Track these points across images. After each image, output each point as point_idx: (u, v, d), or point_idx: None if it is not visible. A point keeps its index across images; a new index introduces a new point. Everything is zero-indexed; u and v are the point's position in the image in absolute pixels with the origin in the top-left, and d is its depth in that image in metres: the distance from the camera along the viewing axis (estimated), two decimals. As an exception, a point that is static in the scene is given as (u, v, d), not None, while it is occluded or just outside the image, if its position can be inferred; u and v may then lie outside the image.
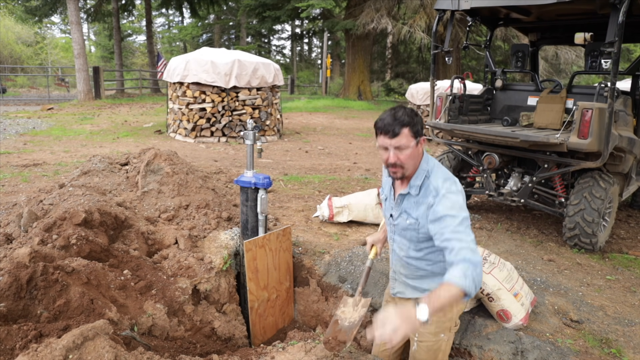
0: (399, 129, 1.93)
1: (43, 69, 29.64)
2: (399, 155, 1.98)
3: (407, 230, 2.16)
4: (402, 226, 2.18)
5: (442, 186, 2.01)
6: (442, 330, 2.25)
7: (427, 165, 2.10)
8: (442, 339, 2.27)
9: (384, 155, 2.03)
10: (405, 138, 1.95)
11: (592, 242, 4.04)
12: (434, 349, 2.29)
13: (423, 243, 2.15)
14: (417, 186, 2.07)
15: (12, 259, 2.36)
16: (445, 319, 2.24)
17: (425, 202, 2.04)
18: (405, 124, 1.94)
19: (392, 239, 2.30)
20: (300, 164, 7.72)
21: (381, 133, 1.98)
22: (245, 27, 32.73)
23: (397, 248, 2.27)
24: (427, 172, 2.07)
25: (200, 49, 10.63)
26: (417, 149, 2.01)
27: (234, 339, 3.05)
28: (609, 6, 3.57)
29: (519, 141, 4.02)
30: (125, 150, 7.70)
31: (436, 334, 2.26)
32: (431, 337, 2.26)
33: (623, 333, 2.80)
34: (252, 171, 3.27)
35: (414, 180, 2.09)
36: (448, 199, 1.97)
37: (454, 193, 1.99)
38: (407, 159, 2.00)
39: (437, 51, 4.77)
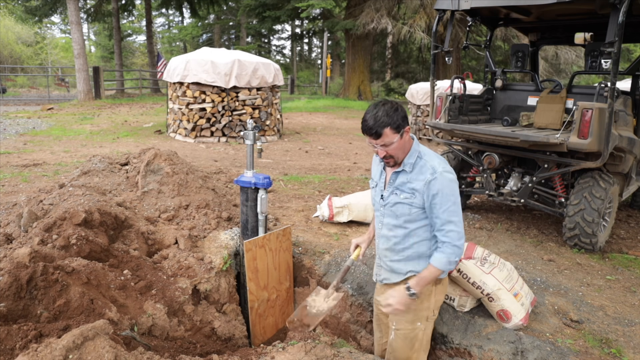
0: (381, 130, 2.11)
1: (43, 69, 29.64)
2: (387, 150, 2.17)
3: (399, 205, 2.28)
4: (393, 203, 2.30)
5: (439, 165, 2.19)
6: (419, 319, 2.36)
7: (418, 147, 2.28)
8: (419, 327, 2.37)
9: (374, 150, 2.24)
10: (388, 137, 2.13)
11: (592, 242, 4.04)
12: (410, 337, 2.38)
13: (413, 222, 2.28)
14: (410, 164, 2.23)
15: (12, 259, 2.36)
16: (422, 307, 2.34)
17: (422, 179, 2.20)
18: (386, 125, 2.11)
19: (381, 222, 2.41)
20: (300, 164, 7.72)
21: (366, 134, 2.17)
22: (245, 27, 32.72)
23: (386, 230, 2.38)
24: (419, 152, 2.25)
25: (200, 49, 10.63)
26: (403, 139, 2.18)
27: (234, 339, 3.05)
28: (609, 6, 3.57)
29: (519, 141, 4.02)
30: (125, 150, 7.70)
31: (413, 322, 2.35)
32: (408, 325, 2.36)
33: (623, 333, 2.80)
34: (252, 171, 3.27)
35: (407, 159, 2.24)
36: (445, 178, 2.16)
37: (449, 172, 2.19)
38: (395, 151, 2.19)
39: (437, 51, 4.77)
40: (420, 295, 2.26)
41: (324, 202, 4.58)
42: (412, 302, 2.23)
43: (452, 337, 2.81)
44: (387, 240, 2.38)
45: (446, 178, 2.17)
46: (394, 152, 2.19)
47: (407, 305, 2.22)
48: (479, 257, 2.84)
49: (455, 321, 2.87)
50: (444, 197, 2.16)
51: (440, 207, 2.17)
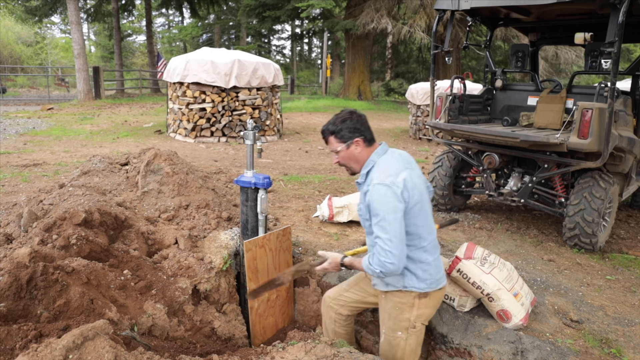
0: (327, 137, 2.29)
1: (43, 69, 29.63)
2: (338, 157, 2.31)
3: (362, 219, 2.34)
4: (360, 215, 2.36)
5: (377, 177, 2.17)
6: (399, 329, 2.37)
7: (377, 157, 2.28)
8: (400, 336, 2.37)
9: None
10: (333, 144, 2.28)
11: (592, 242, 4.04)
12: (392, 344, 2.41)
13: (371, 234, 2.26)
14: (364, 174, 2.29)
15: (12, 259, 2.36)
16: (402, 318, 2.35)
17: (363, 190, 2.27)
18: (330, 133, 2.27)
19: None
20: (300, 164, 7.72)
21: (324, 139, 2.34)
22: (245, 27, 32.71)
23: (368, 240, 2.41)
24: (374, 162, 2.26)
25: (200, 49, 10.63)
26: (350, 150, 2.26)
27: (234, 339, 3.05)
28: (609, 6, 3.57)
29: (519, 141, 4.02)
30: (125, 150, 7.70)
31: (394, 330, 2.39)
32: (390, 332, 2.41)
33: (623, 333, 2.80)
34: (252, 171, 3.27)
35: (363, 169, 2.30)
36: (375, 190, 2.13)
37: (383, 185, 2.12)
38: (343, 160, 2.30)
39: (437, 51, 4.77)
40: (400, 305, 2.32)
41: (324, 202, 4.58)
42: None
43: (452, 337, 2.81)
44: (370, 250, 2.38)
45: (376, 190, 2.11)
46: (343, 160, 2.30)
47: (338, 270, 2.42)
48: (479, 257, 2.84)
49: (455, 321, 2.87)
50: (373, 210, 2.13)
51: (374, 219, 2.14)
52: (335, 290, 2.78)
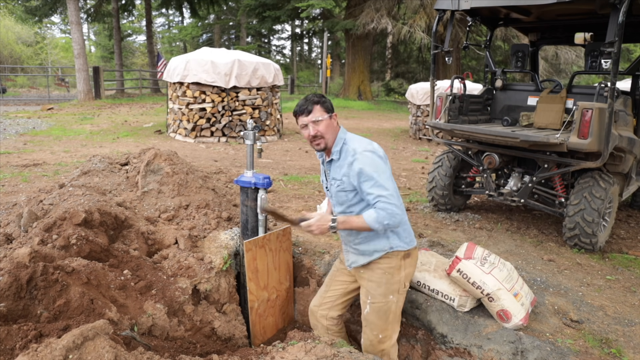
0: (312, 106, 2.36)
1: (43, 69, 29.63)
2: (317, 128, 2.36)
3: (339, 194, 2.45)
4: (334, 192, 2.48)
5: (359, 146, 2.36)
6: (391, 292, 2.52)
7: (344, 135, 2.45)
8: (392, 300, 2.53)
9: (305, 133, 2.42)
10: (318, 112, 2.36)
11: (592, 242, 4.04)
12: (384, 310, 2.54)
13: (355, 205, 2.43)
14: (337, 151, 2.42)
15: (12, 259, 2.36)
16: (393, 281, 2.51)
17: (346, 163, 2.37)
18: (316, 102, 2.37)
19: (335, 211, 2.59)
20: (300, 164, 7.72)
21: (299, 115, 2.40)
22: (245, 27, 32.71)
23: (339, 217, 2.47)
24: (344, 139, 2.43)
25: (200, 49, 10.63)
26: (331, 121, 2.40)
27: (234, 339, 3.05)
28: (609, 6, 3.57)
29: (519, 141, 4.02)
30: (125, 150, 7.70)
31: (386, 296, 2.52)
32: (382, 299, 2.52)
33: (623, 333, 2.80)
34: (252, 171, 3.27)
35: (334, 147, 2.43)
36: (364, 156, 2.31)
37: (369, 150, 2.33)
38: (324, 129, 2.37)
39: (437, 51, 4.77)
40: (390, 270, 2.49)
41: (324, 202, 4.57)
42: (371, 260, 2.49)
43: (452, 337, 2.81)
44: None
45: (365, 156, 2.30)
46: (323, 129, 2.37)
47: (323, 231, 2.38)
48: (479, 257, 2.84)
49: (455, 321, 2.87)
50: (367, 174, 2.28)
51: (367, 184, 2.29)
52: (317, 298, 2.85)
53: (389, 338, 2.61)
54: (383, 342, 2.60)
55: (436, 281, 3.00)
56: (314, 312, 2.83)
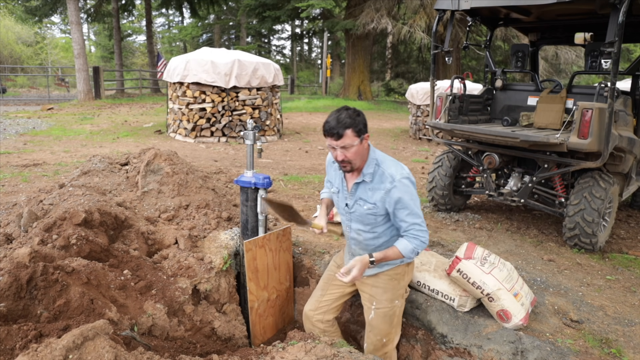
0: (342, 131, 2.19)
1: (43, 69, 29.63)
2: (346, 154, 2.24)
3: (366, 216, 2.41)
4: (360, 212, 2.43)
5: (397, 172, 2.31)
6: (396, 297, 2.59)
7: (375, 154, 2.37)
8: (397, 305, 2.61)
9: (333, 154, 2.30)
10: (349, 138, 2.20)
11: (592, 242, 4.04)
12: (389, 315, 2.59)
13: (380, 226, 2.43)
14: (370, 174, 2.34)
15: (12, 259, 2.36)
16: (399, 287, 2.59)
17: (382, 188, 2.32)
18: (348, 126, 2.19)
19: (349, 227, 2.55)
20: (300, 164, 7.72)
21: (327, 135, 2.24)
22: (245, 27, 32.71)
23: (355, 234, 2.53)
24: (377, 160, 2.36)
25: (200, 49, 10.63)
26: (362, 145, 2.26)
27: (234, 339, 3.05)
28: (609, 6, 3.57)
29: (519, 141, 4.02)
30: (125, 150, 7.70)
31: (392, 301, 2.58)
32: (388, 304, 2.57)
33: (623, 333, 2.80)
34: (252, 171, 3.27)
35: (366, 169, 2.35)
36: (403, 185, 2.29)
37: (406, 178, 2.31)
38: (353, 156, 2.25)
39: (437, 51, 4.77)
40: (396, 277, 2.55)
41: (324, 202, 4.58)
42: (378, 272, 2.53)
43: (452, 337, 2.81)
44: (358, 242, 2.55)
45: (403, 184, 2.29)
46: (352, 156, 2.25)
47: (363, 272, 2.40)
48: (479, 257, 2.84)
49: (455, 321, 2.87)
50: (405, 203, 2.30)
51: (403, 212, 2.31)
52: (313, 302, 2.84)
53: (392, 341, 2.67)
54: (386, 345, 2.65)
55: (436, 281, 3.00)
56: (310, 317, 2.82)
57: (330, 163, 2.60)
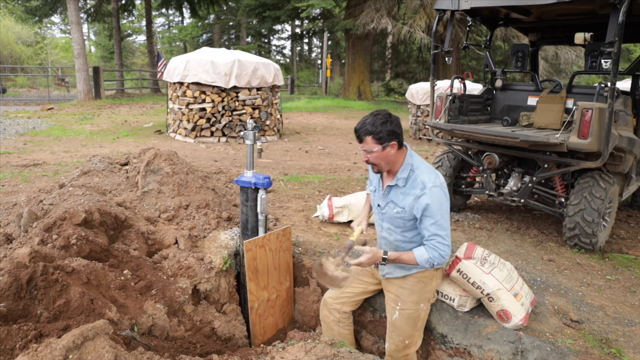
0: (363, 137, 2.30)
1: (43, 69, 29.63)
2: (368, 156, 2.35)
3: (395, 219, 2.47)
4: (390, 214, 2.49)
5: (429, 180, 2.34)
6: (422, 300, 2.61)
7: (412, 159, 2.42)
8: (422, 308, 2.62)
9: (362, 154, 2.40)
10: (369, 144, 2.30)
11: (592, 242, 4.04)
12: (414, 317, 2.60)
13: (410, 231, 2.48)
14: (403, 178, 2.40)
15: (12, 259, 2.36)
16: (426, 290, 2.60)
17: (412, 194, 2.36)
18: (368, 133, 2.28)
19: (381, 225, 2.61)
20: (300, 164, 7.72)
21: (356, 137, 2.37)
22: (245, 27, 32.71)
23: (386, 233, 2.58)
24: (412, 165, 2.40)
25: (200, 49, 10.63)
26: (385, 152, 2.32)
27: (234, 339, 3.05)
28: (609, 6, 3.57)
29: (519, 141, 4.02)
30: (125, 150, 7.71)
31: (417, 303, 2.59)
32: (413, 306, 2.59)
33: (623, 333, 2.80)
34: (252, 171, 3.27)
35: (400, 173, 2.40)
36: (433, 193, 2.31)
37: (438, 186, 2.33)
38: (376, 160, 2.35)
39: (437, 51, 4.76)
40: (424, 279, 2.57)
41: (324, 202, 4.58)
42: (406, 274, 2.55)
43: (452, 337, 2.81)
44: (389, 242, 2.59)
45: (434, 193, 2.31)
46: (375, 160, 2.35)
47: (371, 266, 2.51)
48: (478, 257, 2.84)
49: (455, 321, 2.87)
50: (432, 211, 2.32)
51: (428, 220, 2.33)
52: (335, 291, 2.86)
53: (414, 344, 2.67)
54: (409, 347, 2.66)
55: (436, 281, 3.00)
56: (328, 304, 2.86)
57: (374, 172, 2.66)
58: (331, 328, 2.86)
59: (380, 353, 3.11)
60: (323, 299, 2.92)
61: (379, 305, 3.17)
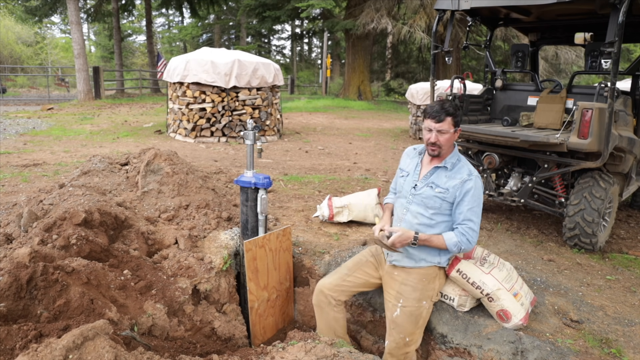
0: (444, 117, 2.47)
1: (43, 69, 29.63)
2: (439, 137, 2.51)
3: (431, 199, 2.58)
4: (427, 195, 2.60)
5: (474, 170, 2.58)
6: (424, 298, 2.65)
7: (457, 151, 2.67)
8: (424, 306, 2.65)
9: (426, 135, 2.55)
10: (447, 124, 2.49)
11: (592, 242, 4.04)
12: (415, 315, 2.63)
13: (440, 214, 2.59)
14: (452, 163, 2.60)
15: (12, 259, 2.36)
16: (428, 288, 2.66)
17: (459, 178, 2.54)
18: (450, 114, 2.48)
19: (407, 208, 2.68)
20: (300, 164, 7.72)
21: (429, 117, 2.51)
22: (245, 27, 32.71)
23: (411, 217, 2.65)
24: (459, 156, 2.65)
25: (200, 49, 10.63)
26: (454, 135, 2.54)
27: (234, 339, 3.05)
28: (609, 6, 3.57)
29: (519, 141, 4.02)
30: (125, 150, 7.71)
31: (419, 300, 2.63)
32: (415, 303, 2.63)
33: (623, 333, 2.80)
34: (252, 171, 3.27)
35: (450, 158, 2.61)
36: (478, 181, 2.54)
37: (480, 179, 2.57)
38: (446, 141, 2.52)
39: (437, 51, 4.76)
40: (427, 277, 2.65)
41: (324, 202, 4.58)
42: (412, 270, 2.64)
43: (452, 337, 2.81)
44: (411, 226, 2.64)
45: (478, 182, 2.54)
46: (445, 141, 2.51)
47: (403, 246, 2.56)
48: (478, 257, 2.84)
49: (455, 321, 2.87)
50: (473, 197, 2.51)
51: (467, 204, 2.51)
52: (334, 278, 2.85)
53: (414, 342, 2.69)
54: (409, 345, 2.67)
55: (436, 281, 3.00)
56: (325, 291, 2.82)
57: (409, 152, 2.82)
58: (327, 312, 2.82)
59: (380, 353, 3.11)
60: (320, 283, 2.87)
61: (379, 306, 3.17)
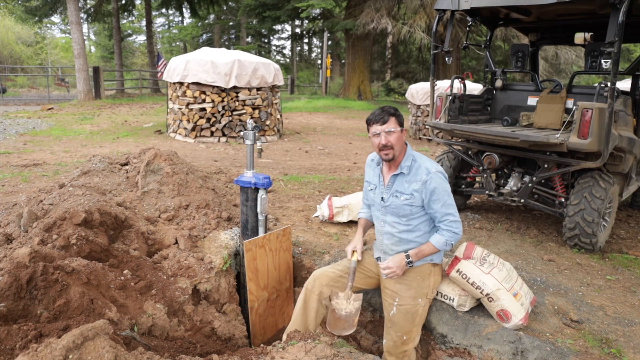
0: (388, 117, 2.52)
1: (43, 69, 29.64)
2: (389, 138, 2.51)
3: (402, 207, 2.59)
4: (396, 205, 2.61)
5: (432, 166, 2.56)
6: (420, 296, 2.67)
7: (411, 151, 2.64)
8: (420, 303, 2.67)
9: (376, 141, 2.55)
10: (392, 124, 2.52)
11: (592, 242, 4.04)
12: (411, 313, 2.65)
13: (415, 218, 2.60)
14: (407, 167, 2.59)
15: (12, 259, 2.36)
16: (423, 285, 2.68)
17: (419, 180, 2.54)
18: (392, 114, 2.54)
19: (383, 221, 2.71)
20: (300, 164, 7.72)
21: (374, 123, 2.55)
22: (245, 27, 32.71)
23: (390, 227, 2.67)
24: (413, 156, 2.62)
25: (200, 49, 10.63)
26: (402, 135, 2.56)
27: (234, 339, 3.05)
28: (609, 6, 3.57)
29: (519, 141, 4.02)
30: (125, 150, 7.71)
31: (415, 299, 2.65)
32: (410, 301, 2.65)
33: (623, 333, 2.80)
34: (252, 171, 3.27)
35: (404, 162, 2.60)
36: (438, 177, 2.52)
37: (440, 172, 2.56)
38: (395, 141, 2.52)
39: (437, 51, 4.76)
40: (421, 274, 2.66)
41: (324, 202, 4.58)
42: (407, 269, 2.64)
43: (452, 337, 2.81)
44: (392, 236, 2.67)
45: (438, 177, 2.53)
46: (395, 141, 2.51)
47: (403, 270, 2.61)
48: (478, 257, 2.84)
49: (455, 321, 2.87)
50: (440, 193, 2.51)
51: (438, 202, 2.52)
52: (331, 271, 2.83)
53: (412, 340, 2.71)
54: (407, 343, 2.68)
55: (436, 281, 3.00)
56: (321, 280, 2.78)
57: (369, 163, 2.82)
58: (312, 300, 2.76)
59: (380, 353, 3.11)
60: (316, 274, 2.82)
61: (379, 306, 3.17)
